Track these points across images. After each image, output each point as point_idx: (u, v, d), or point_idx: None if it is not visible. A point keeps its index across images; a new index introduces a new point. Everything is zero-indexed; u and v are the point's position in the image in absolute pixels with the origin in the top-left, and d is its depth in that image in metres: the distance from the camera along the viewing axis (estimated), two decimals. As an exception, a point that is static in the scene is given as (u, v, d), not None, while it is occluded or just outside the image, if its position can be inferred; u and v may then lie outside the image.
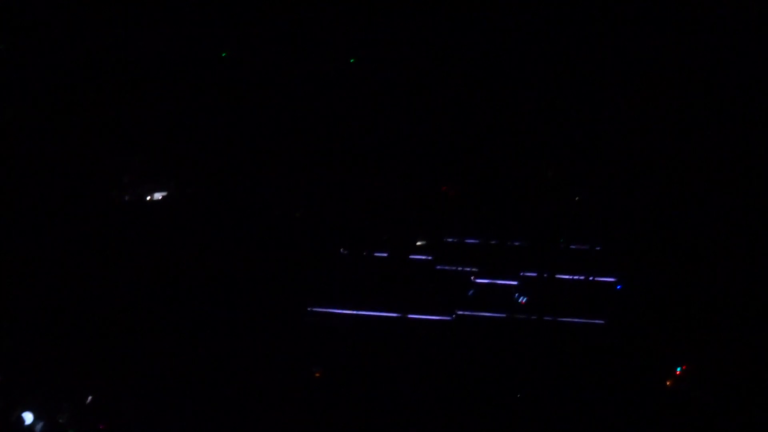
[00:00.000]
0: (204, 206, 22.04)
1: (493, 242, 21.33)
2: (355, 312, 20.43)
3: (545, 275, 20.53)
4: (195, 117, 22.20)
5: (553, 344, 19.89)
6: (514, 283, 20.83)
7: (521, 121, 21.87)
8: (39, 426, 18.33)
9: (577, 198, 21.39)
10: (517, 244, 21.19)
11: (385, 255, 21.21)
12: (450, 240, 21.54)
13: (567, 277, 20.78)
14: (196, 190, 22.26)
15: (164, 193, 22.24)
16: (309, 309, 20.46)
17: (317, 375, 19.49)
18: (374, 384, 19.20)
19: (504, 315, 20.38)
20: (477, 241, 21.41)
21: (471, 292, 20.86)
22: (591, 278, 20.64)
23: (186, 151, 22.33)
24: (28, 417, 18.27)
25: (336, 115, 22.20)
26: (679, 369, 19.11)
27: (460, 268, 21.15)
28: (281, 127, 22.23)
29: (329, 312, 20.50)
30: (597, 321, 20.05)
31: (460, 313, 20.44)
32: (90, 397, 18.83)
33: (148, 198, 22.09)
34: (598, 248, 20.94)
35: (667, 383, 19.08)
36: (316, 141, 22.26)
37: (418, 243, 21.52)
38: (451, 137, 21.84)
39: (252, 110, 22.31)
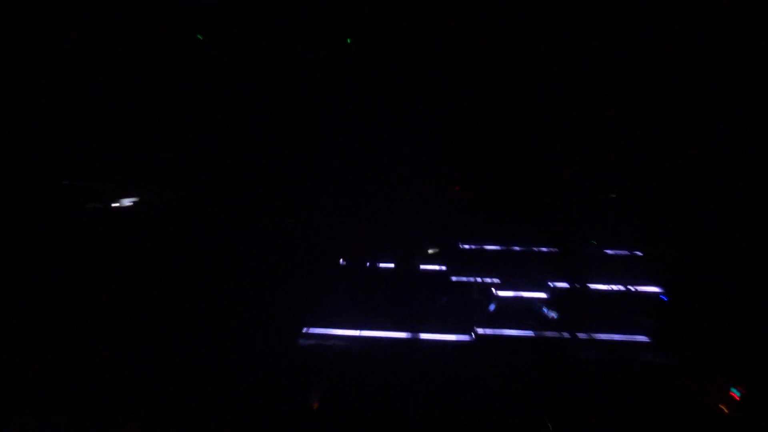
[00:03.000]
0: (180, 212, 21.03)
1: (516, 248, 20.51)
2: (357, 333, 19.33)
3: (578, 286, 19.57)
4: (171, 111, 21.34)
5: (590, 367, 18.52)
6: (543, 295, 19.91)
7: (546, 107, 20.46)
8: None
9: (613, 195, 20.08)
10: (545, 250, 20.29)
11: (391, 266, 20.39)
12: (466, 247, 20.73)
13: (604, 287, 19.78)
14: (171, 195, 21.25)
15: (134, 200, 21.21)
16: (304, 330, 19.40)
17: (314, 407, 18.10)
18: (380, 419, 17.84)
19: (532, 333, 19.21)
20: (498, 248, 20.60)
21: (492, 307, 19.94)
22: (632, 288, 19.68)
23: (159, 151, 21.32)
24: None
25: (330, 105, 21.23)
26: (735, 392, 17.64)
27: (478, 280, 20.27)
28: (269, 121, 21.26)
29: (327, 333, 19.40)
30: (640, 338, 19.05)
31: (481, 332, 19.27)
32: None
33: (115, 205, 21.09)
34: (639, 253, 20.09)
35: (722, 408, 17.56)
36: (306, 133, 21.26)
37: (429, 251, 20.75)
38: (465, 125, 20.47)
39: (237, 103, 21.36)
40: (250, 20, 21.16)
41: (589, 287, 20.15)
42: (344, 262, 20.90)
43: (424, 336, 19.36)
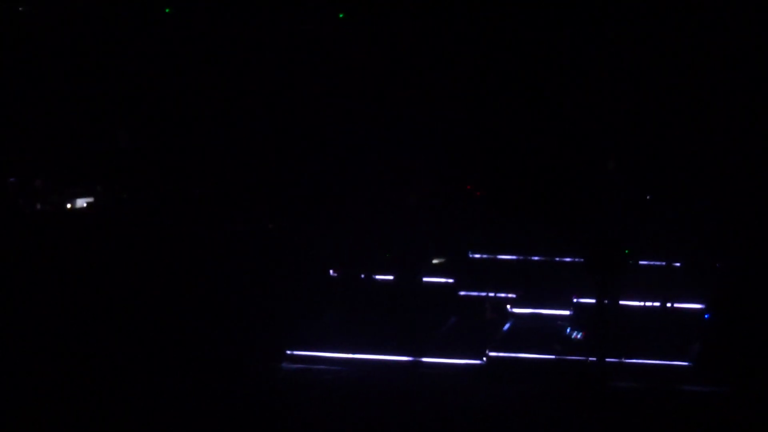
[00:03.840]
0: (145, 216, 21.18)
1: (535, 258, 20.99)
2: (349, 356, 19.10)
3: (607, 302, 18.83)
4: (139, 103, 21.96)
5: (622, 396, 17.92)
6: (566, 312, 20.08)
7: (574, 98, 20.81)
8: None
9: (648, 197, 20.84)
10: (568, 260, 20.73)
11: (390, 278, 20.66)
12: (477, 256, 21.17)
13: (637, 303, 19.98)
14: (132, 195, 21.58)
15: (89, 200, 21.18)
16: (288, 352, 19.09)
17: None
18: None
19: (552, 357, 18.86)
20: (513, 258, 21.08)
21: (507, 326, 19.98)
22: (669, 305, 19.80)
23: (120, 148, 21.86)
24: None
25: (316, 94, 21.90)
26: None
27: (491, 294, 20.25)
28: (246, 111, 21.83)
29: (314, 356, 19.14)
30: (680, 363, 18.46)
31: (494, 355, 18.92)
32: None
33: (69, 206, 21.01)
34: (677, 264, 20.56)
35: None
36: (290, 123, 21.64)
37: (435, 261, 21.06)
38: (479, 118, 20.63)
39: (213, 94, 22.10)
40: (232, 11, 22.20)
41: (620, 304, 19.85)
42: (335, 274, 21.03)
43: (427, 360, 19.15)
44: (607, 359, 18.88)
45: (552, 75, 20.96)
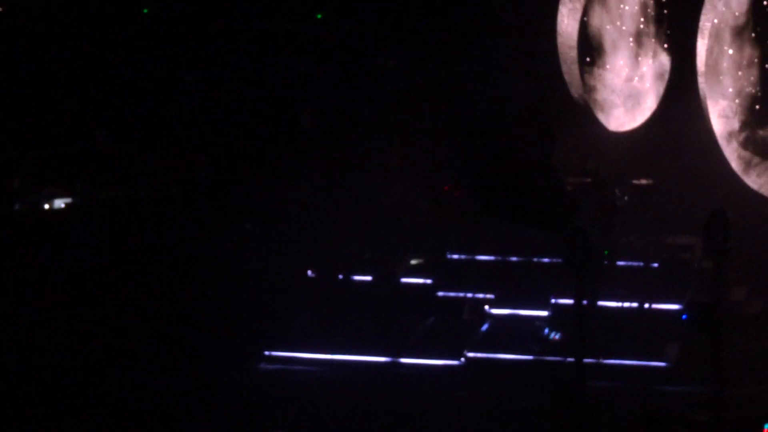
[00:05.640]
0: (123, 216, 21.09)
1: (513, 259, 20.71)
2: (327, 356, 19.30)
3: (585, 302, 18.08)
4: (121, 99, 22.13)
5: (599, 396, 17.36)
6: (544, 313, 19.92)
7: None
8: None
9: (625, 197, 20.73)
10: (546, 261, 20.42)
11: (369, 279, 20.41)
12: (455, 257, 20.97)
13: (615, 304, 19.73)
14: (112, 195, 21.49)
15: (67, 200, 21.05)
16: (265, 353, 19.20)
17: None
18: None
19: (530, 357, 19.00)
20: (491, 258, 20.86)
21: (485, 326, 19.95)
22: (647, 305, 19.69)
23: (98, 148, 21.98)
24: None
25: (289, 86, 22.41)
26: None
27: (469, 295, 20.21)
28: (224, 112, 22.03)
29: (293, 357, 19.29)
30: (657, 363, 18.61)
31: (471, 356, 19.04)
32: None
33: (47, 206, 20.85)
34: (654, 265, 20.38)
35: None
36: (269, 124, 21.76)
37: (413, 261, 20.77)
38: (457, 115, 20.24)
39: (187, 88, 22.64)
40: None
41: (598, 304, 19.71)
42: (313, 274, 21.03)
43: (405, 361, 19.28)
44: (585, 360, 18.19)
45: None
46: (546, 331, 19.60)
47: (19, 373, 18.94)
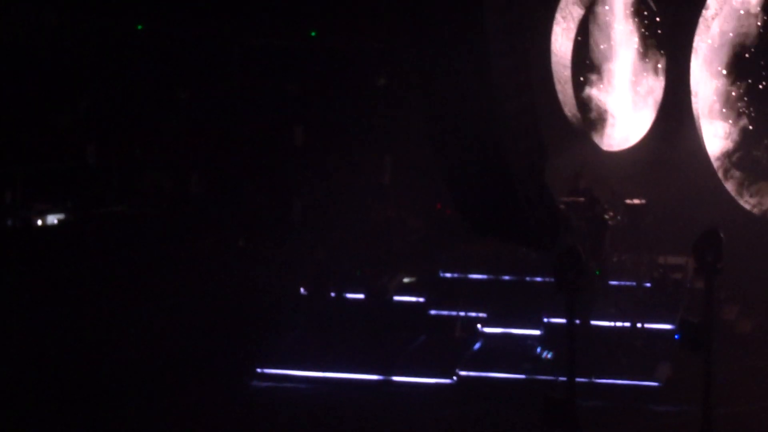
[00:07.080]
0: (115, 232, 21.18)
1: (505, 278, 20.94)
2: (319, 374, 19.19)
3: (578, 321, 18.45)
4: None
5: (591, 416, 17.16)
6: (536, 332, 20.00)
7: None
8: None
9: (618, 216, 20.59)
10: (539, 279, 20.57)
11: (361, 297, 20.52)
12: (447, 275, 21.29)
13: (607, 324, 19.73)
14: (104, 211, 21.50)
15: (60, 216, 20.90)
16: (257, 370, 19.16)
17: None
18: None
19: (522, 377, 18.90)
20: (484, 277, 21.10)
21: (477, 345, 19.94)
22: (639, 325, 19.52)
23: (93, 160, 22.01)
24: None
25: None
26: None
27: (461, 314, 20.26)
28: (215, 128, 22.33)
29: (284, 374, 19.21)
30: (649, 383, 18.41)
31: (463, 373, 19.00)
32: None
33: (39, 222, 20.73)
34: (647, 284, 20.50)
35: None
36: (262, 140, 22.06)
37: (405, 280, 21.00)
38: (448, 133, 19.51)
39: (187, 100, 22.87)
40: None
41: (590, 324, 19.78)
42: (305, 292, 20.98)
43: (397, 379, 19.20)
44: (577, 378, 17.75)
45: None
46: (538, 350, 19.62)
47: (8, 389, 18.65)
